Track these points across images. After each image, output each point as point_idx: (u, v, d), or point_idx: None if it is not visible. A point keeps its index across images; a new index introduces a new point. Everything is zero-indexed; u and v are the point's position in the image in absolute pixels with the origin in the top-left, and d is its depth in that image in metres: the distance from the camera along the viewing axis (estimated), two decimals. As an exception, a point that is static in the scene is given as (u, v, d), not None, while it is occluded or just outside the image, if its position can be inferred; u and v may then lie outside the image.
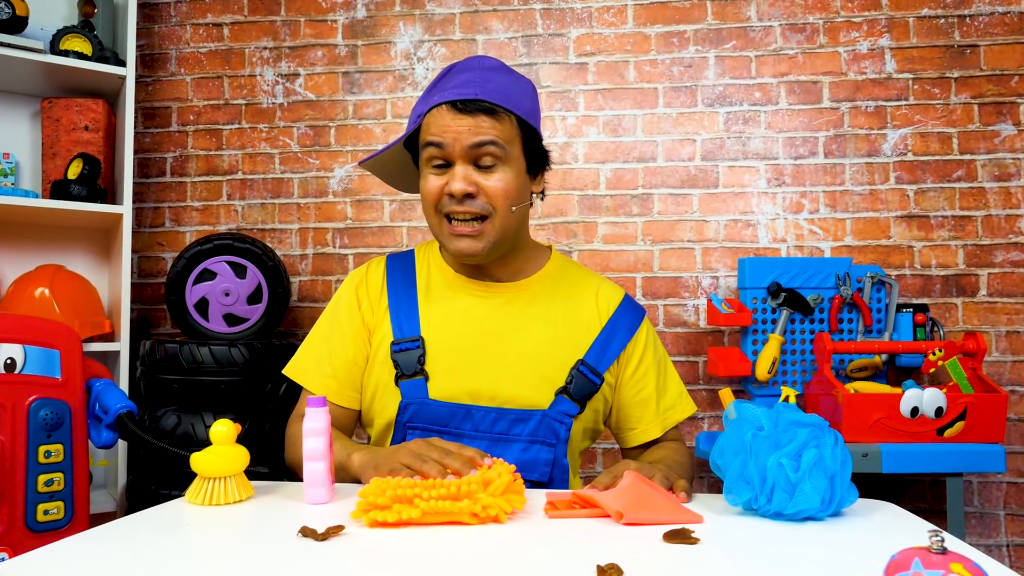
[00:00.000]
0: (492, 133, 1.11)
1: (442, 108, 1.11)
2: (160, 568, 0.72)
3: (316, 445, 0.96)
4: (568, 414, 1.17)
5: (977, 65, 2.24)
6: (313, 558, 0.73)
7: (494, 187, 1.12)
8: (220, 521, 0.89)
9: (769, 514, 0.88)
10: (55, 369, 1.41)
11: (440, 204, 1.14)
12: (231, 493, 0.96)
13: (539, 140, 1.19)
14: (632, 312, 1.27)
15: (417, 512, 0.84)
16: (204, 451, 0.97)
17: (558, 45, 2.36)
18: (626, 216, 2.31)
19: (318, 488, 0.96)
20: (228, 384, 1.89)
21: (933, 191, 2.24)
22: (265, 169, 2.42)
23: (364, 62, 2.40)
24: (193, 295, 2.01)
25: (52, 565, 0.72)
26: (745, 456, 0.90)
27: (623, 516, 0.85)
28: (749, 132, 2.29)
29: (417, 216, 2.36)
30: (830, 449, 0.89)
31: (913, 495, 2.18)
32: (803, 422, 0.91)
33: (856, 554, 0.76)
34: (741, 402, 0.97)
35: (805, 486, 0.86)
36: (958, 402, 1.75)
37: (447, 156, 1.12)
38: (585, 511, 0.91)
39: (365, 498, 0.86)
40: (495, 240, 1.14)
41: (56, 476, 1.37)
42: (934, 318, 2.11)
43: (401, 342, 1.18)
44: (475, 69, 1.15)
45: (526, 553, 0.77)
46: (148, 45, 2.46)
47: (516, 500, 0.90)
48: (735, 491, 0.91)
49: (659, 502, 0.90)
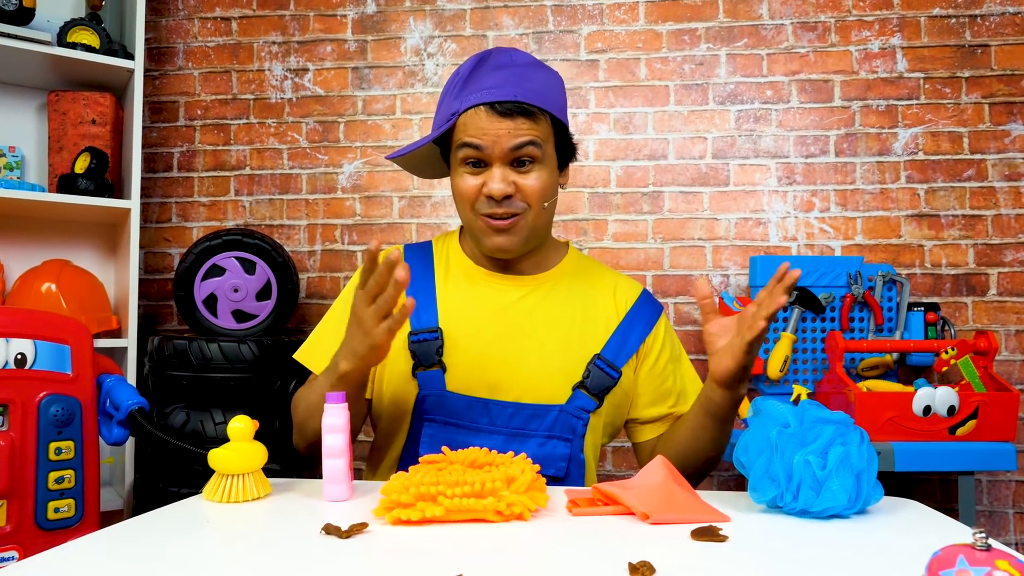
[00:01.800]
0: (531, 135, 1.10)
1: (479, 109, 1.10)
2: (182, 567, 0.70)
3: (335, 441, 0.95)
4: (585, 409, 1.16)
5: (988, 65, 2.23)
6: (338, 556, 0.72)
7: (532, 186, 1.12)
8: (240, 519, 0.88)
9: (795, 512, 0.87)
10: (66, 365, 1.39)
11: (477, 204, 1.13)
12: (250, 490, 0.95)
13: (569, 134, 1.19)
14: (650, 307, 1.26)
15: (441, 510, 0.83)
16: (222, 447, 0.96)
17: (569, 42, 2.35)
18: (636, 214, 2.30)
19: (338, 485, 0.95)
20: (237, 381, 1.88)
21: (943, 190, 2.23)
22: (273, 165, 2.41)
23: (374, 57, 2.39)
24: (202, 291, 1.99)
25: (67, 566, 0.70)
26: (770, 453, 0.89)
27: (649, 517, 0.85)
28: (760, 130, 2.28)
29: (427, 213, 2.35)
30: (856, 446, 0.88)
31: (922, 494, 2.17)
32: (829, 419, 0.90)
33: (886, 552, 0.75)
34: (764, 399, 0.96)
35: (832, 483, 0.85)
36: (970, 401, 1.75)
37: (485, 157, 1.11)
38: (608, 508, 0.90)
39: (388, 495, 0.85)
40: (528, 235, 1.15)
41: (67, 473, 1.36)
42: (945, 317, 2.10)
43: (419, 332, 1.16)
44: (509, 66, 1.13)
45: (554, 551, 0.76)
46: (156, 39, 2.44)
47: (539, 497, 0.89)
48: (760, 489, 0.90)
49: (685, 501, 0.89)
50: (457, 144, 1.13)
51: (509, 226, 1.12)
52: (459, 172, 1.14)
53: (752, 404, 0.97)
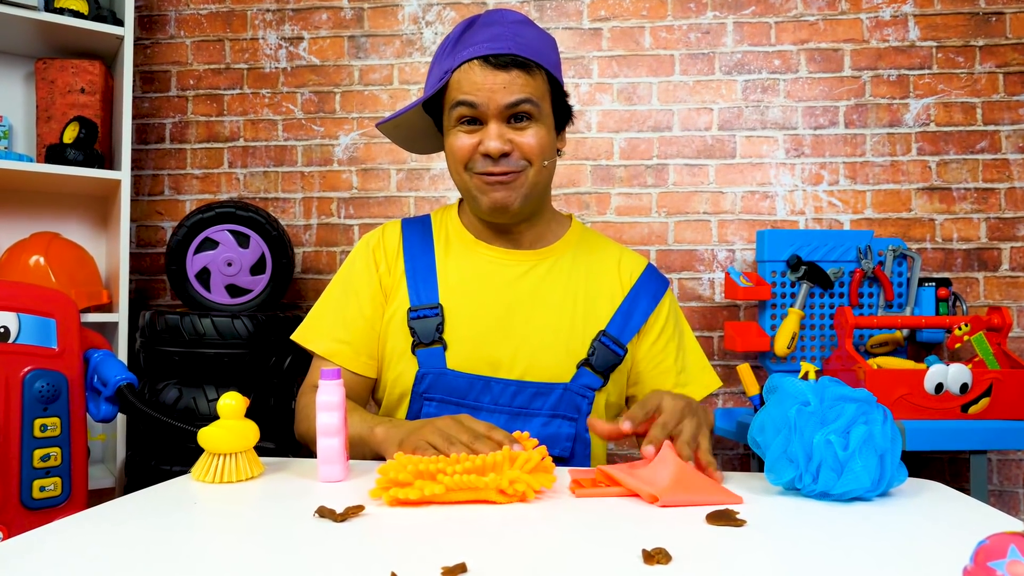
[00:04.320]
0: (527, 90, 1.06)
1: (473, 64, 1.05)
2: (171, 549, 0.66)
3: (330, 420, 0.90)
4: (590, 387, 1.13)
5: (1003, 33, 2.16)
6: (333, 540, 0.67)
7: (529, 143, 1.07)
8: (231, 500, 0.84)
9: (814, 494, 0.83)
10: (51, 339, 1.34)
11: (471, 163, 1.09)
12: (242, 470, 0.91)
13: (565, 95, 1.15)
14: (655, 281, 1.22)
15: (440, 488, 0.78)
16: (212, 425, 0.92)
17: (571, 10, 2.28)
18: (640, 187, 2.24)
19: (333, 465, 0.90)
20: (231, 357, 1.83)
21: (956, 163, 2.17)
22: (268, 136, 2.34)
23: (371, 26, 2.32)
24: (194, 265, 1.94)
25: (52, 547, 0.67)
26: (789, 433, 0.85)
27: (658, 499, 0.80)
28: (768, 101, 2.22)
29: (425, 186, 2.29)
30: (880, 425, 0.84)
31: (932, 473, 2.13)
32: (850, 397, 0.85)
33: (913, 536, 0.71)
34: (782, 375, 0.91)
35: (855, 464, 0.81)
36: (984, 378, 1.70)
37: (480, 115, 1.07)
38: (613, 490, 0.86)
39: (385, 475, 0.81)
40: (528, 192, 1.10)
41: (53, 451, 1.31)
42: (957, 293, 2.05)
43: (419, 308, 1.12)
44: (501, 23, 1.09)
45: (563, 537, 0.72)
46: (147, 6, 2.37)
47: (545, 479, 0.84)
48: (777, 470, 0.85)
49: (696, 481, 0.84)
50: (451, 104, 1.09)
51: (509, 180, 1.08)
52: (453, 133, 1.10)
53: (768, 381, 0.93)
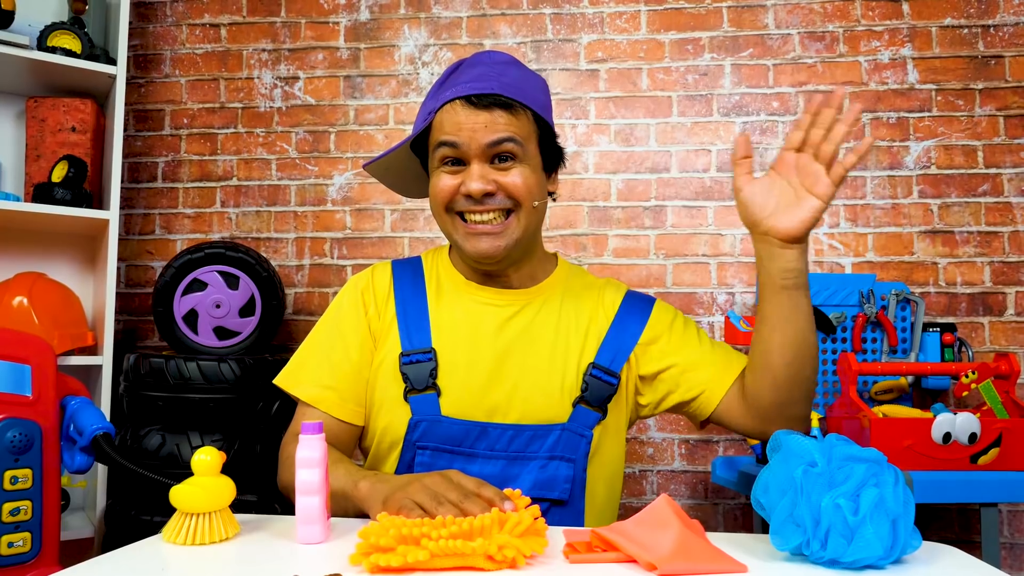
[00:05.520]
0: (510, 129, 1.03)
1: (455, 104, 1.04)
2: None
3: (310, 477, 0.85)
4: (589, 425, 1.09)
5: (1002, 76, 2.16)
6: (304, 616, 0.62)
7: (514, 182, 1.04)
8: (203, 563, 0.78)
9: (823, 561, 0.78)
10: (25, 386, 1.29)
11: (452, 203, 1.06)
12: (215, 531, 0.85)
13: (554, 137, 1.12)
14: (638, 303, 1.18)
15: (425, 555, 0.73)
16: (184, 483, 0.87)
17: (568, 51, 2.27)
18: (638, 229, 2.21)
19: (312, 526, 0.85)
20: (217, 402, 1.78)
21: (958, 206, 2.14)
22: (261, 175, 2.32)
23: (367, 66, 2.31)
24: (182, 306, 1.90)
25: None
26: (795, 495, 0.80)
27: (657, 568, 0.75)
28: (767, 143, 2.20)
29: (419, 227, 2.26)
30: (891, 488, 0.78)
31: (941, 525, 2.07)
32: (860, 457, 0.80)
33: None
34: (787, 432, 0.87)
35: (866, 531, 0.76)
36: (993, 428, 1.65)
37: (462, 155, 1.04)
38: (609, 555, 0.80)
39: (366, 539, 0.76)
40: (518, 237, 1.07)
41: (23, 504, 1.25)
42: (962, 338, 2.01)
43: (411, 353, 1.08)
44: (487, 63, 1.08)
45: (553, 611, 0.66)
46: (142, 45, 2.36)
47: (536, 543, 0.79)
48: (783, 534, 0.80)
49: (696, 548, 0.79)
50: (434, 145, 1.06)
51: (497, 230, 1.05)
52: (436, 174, 1.07)
53: (771, 439, 0.88)
